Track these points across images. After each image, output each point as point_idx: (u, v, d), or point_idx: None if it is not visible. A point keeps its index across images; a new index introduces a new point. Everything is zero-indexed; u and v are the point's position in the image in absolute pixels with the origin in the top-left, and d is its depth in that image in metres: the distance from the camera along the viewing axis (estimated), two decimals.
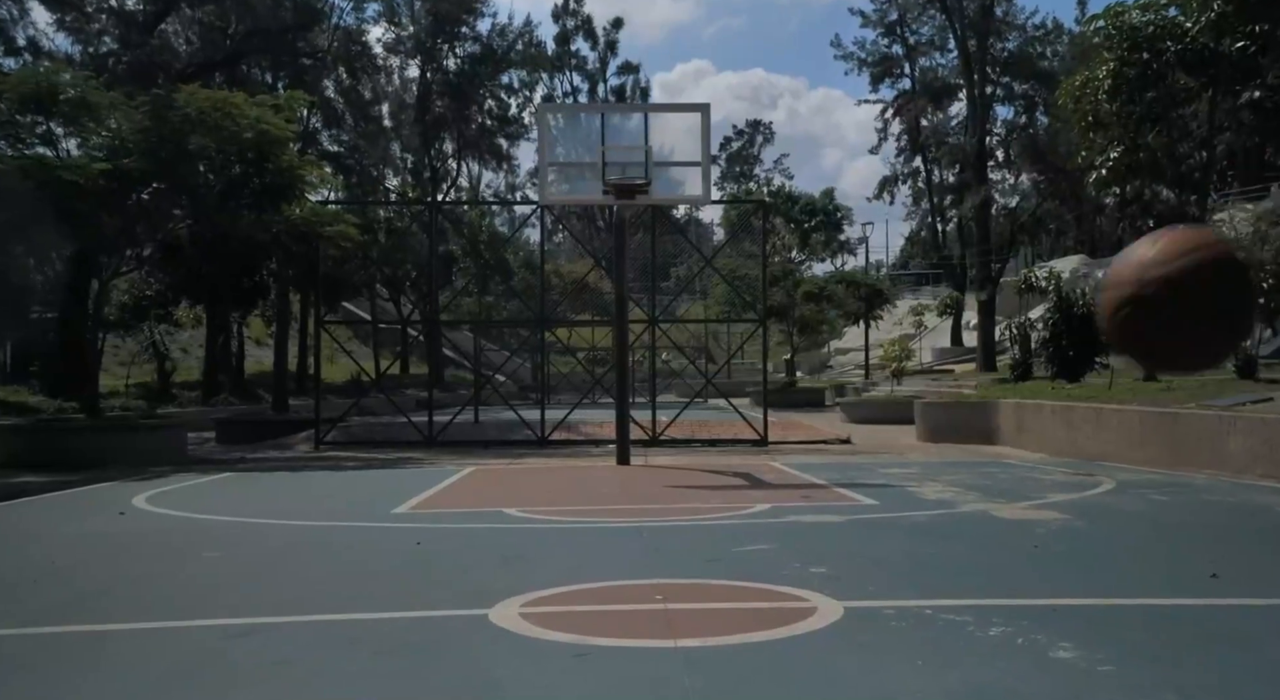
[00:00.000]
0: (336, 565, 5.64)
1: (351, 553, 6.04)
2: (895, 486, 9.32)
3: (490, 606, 4.40)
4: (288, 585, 5.02)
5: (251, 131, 14.13)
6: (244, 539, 6.62)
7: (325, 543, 6.47)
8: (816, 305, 30.42)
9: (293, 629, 4.13)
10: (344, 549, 6.19)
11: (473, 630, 4.07)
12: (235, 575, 5.32)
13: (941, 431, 17.16)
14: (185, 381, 27.07)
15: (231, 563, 5.69)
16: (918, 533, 6.49)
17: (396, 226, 30.88)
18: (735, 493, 8.98)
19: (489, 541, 6.42)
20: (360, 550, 6.11)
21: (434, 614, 4.35)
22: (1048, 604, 4.33)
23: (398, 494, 9.14)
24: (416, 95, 36.46)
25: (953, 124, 37.63)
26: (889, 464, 12.06)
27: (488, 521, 7.33)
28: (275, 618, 4.28)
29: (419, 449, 16.54)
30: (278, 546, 6.30)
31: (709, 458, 14.33)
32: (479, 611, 4.32)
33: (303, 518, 7.66)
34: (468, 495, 9.26)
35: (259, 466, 13.22)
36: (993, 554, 5.69)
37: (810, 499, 8.40)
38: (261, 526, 7.21)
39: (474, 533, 6.81)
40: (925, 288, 55.38)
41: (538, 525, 7.08)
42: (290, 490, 9.96)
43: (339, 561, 5.77)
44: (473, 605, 4.45)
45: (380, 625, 4.18)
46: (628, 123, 12.04)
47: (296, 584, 5.06)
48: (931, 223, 42.60)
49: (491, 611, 4.32)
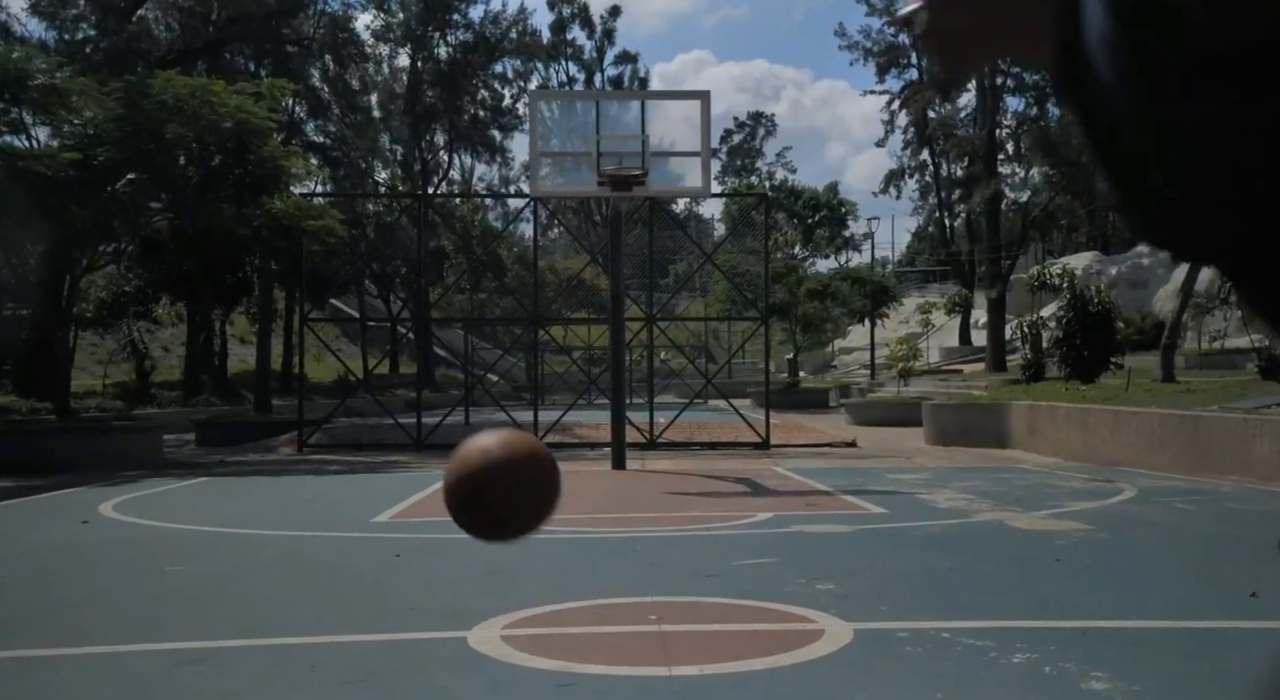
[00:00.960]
0: (306, 581, 5.39)
1: (324, 566, 5.78)
2: (904, 493, 9.07)
3: (469, 628, 4.15)
4: (250, 604, 4.76)
5: (231, 121, 13.87)
6: (210, 551, 6.37)
7: (297, 555, 6.22)
8: (820, 303, 30.17)
9: (250, 655, 3.88)
10: (316, 562, 5.94)
11: (448, 656, 3.82)
12: (195, 592, 5.07)
13: (951, 434, 16.93)
14: (165, 381, 26.80)
15: (193, 578, 5.43)
16: (931, 545, 6.24)
17: (386, 221, 30.64)
18: (736, 500, 8.74)
19: (473, 554, 6.17)
20: (334, 564, 5.86)
21: (407, 637, 4.10)
22: (1076, 627, 4.08)
23: (380, 500, 8.90)
24: (406, 85, 36.20)
25: (961, 116, 37.41)
26: (897, 469, 11.83)
27: None
28: (233, 641, 4.03)
29: (406, 452, 16.30)
30: (245, 559, 6.05)
31: (709, 461, 14.09)
32: (457, 634, 4.07)
33: (276, 527, 7.41)
34: None
35: (237, 470, 12.98)
36: (1013, 569, 5.44)
37: (815, 507, 8.16)
38: (231, 537, 6.96)
39: (458, 544, 6.56)
40: (932, 285, 55.16)
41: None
42: (266, 496, 9.70)
43: (309, 576, 5.52)
44: (451, 627, 4.21)
45: (347, 650, 3.93)
46: (624, 111, 11.79)
47: (260, 602, 4.81)
48: (939, 218, 42.31)
49: (470, 634, 4.07)
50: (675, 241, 50.27)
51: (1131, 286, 31.39)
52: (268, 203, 15.32)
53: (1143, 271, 32.46)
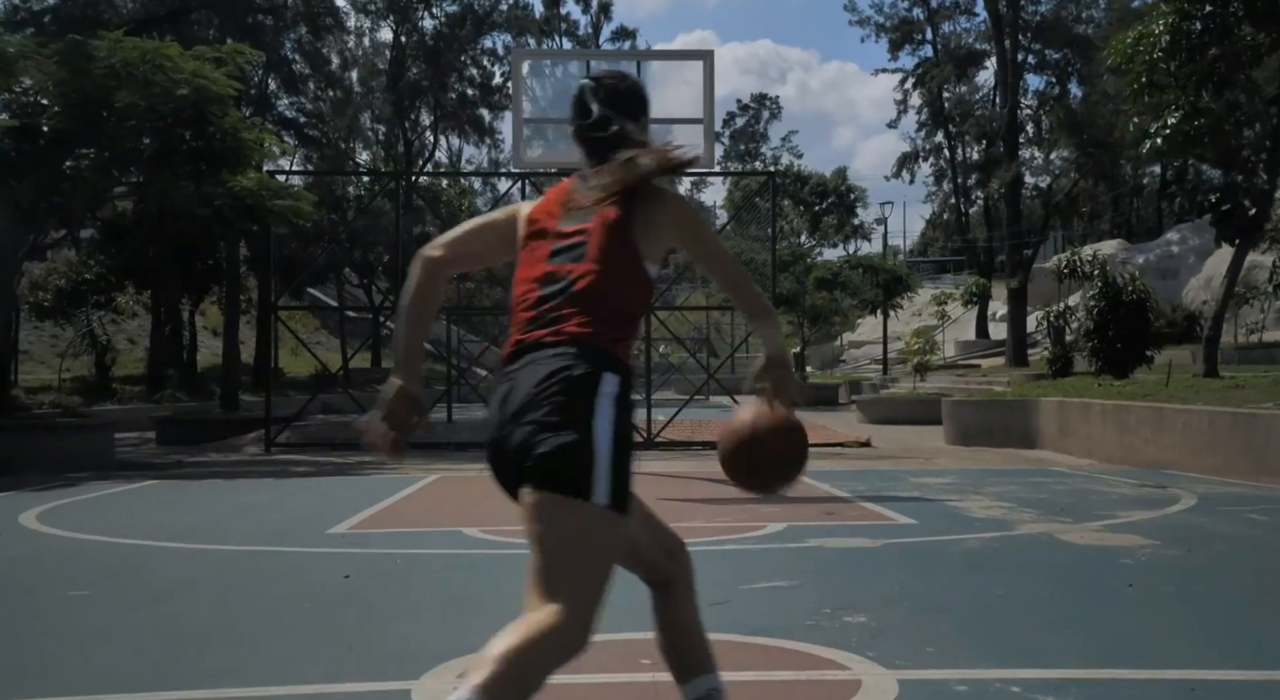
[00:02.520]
0: (230, 609, 4.69)
1: (257, 591, 5.08)
2: (932, 500, 8.38)
3: (417, 677, 3.46)
4: (153, 643, 4.06)
5: (188, 88, 13.14)
6: (130, 569, 5.67)
7: (229, 575, 5.51)
8: (829, 293, 29.46)
9: None
10: (249, 585, 5.24)
11: None
12: (93, 626, 4.37)
13: (973, 434, 16.27)
14: (128, 375, 26.10)
15: (98, 606, 4.73)
16: (974, 564, 5.55)
17: (366, 205, 29.91)
18: (744, 508, 8.04)
19: (436, 574, 5.47)
20: (269, 587, 5.16)
21: (337, 691, 3.39)
22: (1178, 678, 3.38)
23: (342, 508, 8.21)
24: (389, 60, 35.40)
25: (978, 95, 36.67)
26: (919, 472, 11.14)
27: (440, 545, 6.38)
28: (115, 695, 3.33)
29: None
30: (167, 581, 5.34)
31: (712, 463, 13.38)
32: (400, 686, 3.38)
33: (216, 539, 6.71)
34: (424, 510, 8.32)
35: (193, 473, 12.29)
36: (1078, 597, 4.74)
37: (834, 516, 7.47)
38: (160, 552, 6.26)
39: (420, 561, 5.86)
40: (946, 276, 54.47)
41: (499, 551, 6.13)
42: (215, 503, 9.01)
43: (235, 604, 4.81)
44: (393, 675, 3.51)
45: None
46: (620, 68, 11.07)
47: (164, 639, 4.10)
48: (955, 203, 41.54)
49: (417, 685, 3.38)
50: None
51: (1161, 276, 30.70)
52: (230, 180, 14.60)
53: (1172, 260, 31.79)
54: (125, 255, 25.23)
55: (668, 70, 10.89)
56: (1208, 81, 15.54)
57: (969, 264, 53.85)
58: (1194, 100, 15.54)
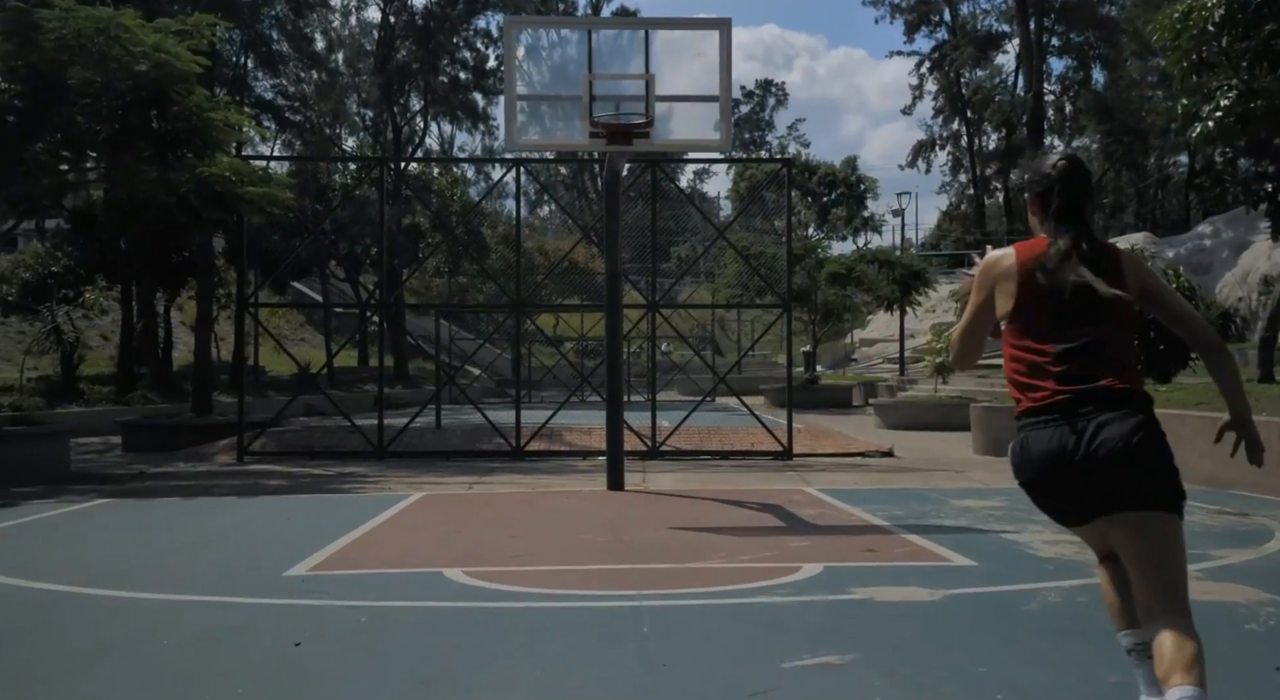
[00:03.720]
0: (138, 695, 3.82)
1: (182, 666, 4.21)
2: (984, 532, 7.51)
3: None
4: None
5: (147, 63, 12.26)
6: (29, 628, 4.80)
7: (151, 642, 4.63)
8: (843, 289, 28.59)
9: None
10: (175, 658, 4.36)
11: None
12: None
13: (1005, 443, 15.22)
14: (98, 374, 25.20)
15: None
16: (1067, 629, 4.68)
17: (354, 194, 29.00)
18: (769, 541, 7.18)
19: (406, 639, 4.60)
20: (201, 660, 4.29)
21: None
22: None
23: (309, 538, 7.34)
24: (377, 40, 34.43)
25: (997, 80, 35.72)
26: (958, 491, 10.28)
27: (416, 595, 5.51)
28: None
29: (366, 461, 14.79)
30: (68, 652, 4.47)
31: (722, 476, 12.58)
32: None
33: (153, 584, 5.84)
34: (402, 542, 7.44)
35: (153, 488, 11.44)
36: (1214, 684, 3.85)
37: (877, 554, 6.60)
38: (79, 604, 5.38)
39: (388, 618, 4.99)
40: (961, 270, 53.47)
41: (485, 604, 5.26)
42: (167, 530, 8.13)
43: (147, 685, 3.94)
44: None
45: None
46: (623, 46, 10.18)
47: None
48: (974, 194, 40.58)
49: None
50: (677, 221, 48.67)
51: (1192, 271, 29.78)
52: (198, 165, 13.71)
53: (1204, 254, 30.90)
54: (95, 246, 24.36)
55: (679, 41, 9.99)
56: (1264, 59, 14.60)
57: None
58: (1248, 80, 14.60)
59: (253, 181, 14.50)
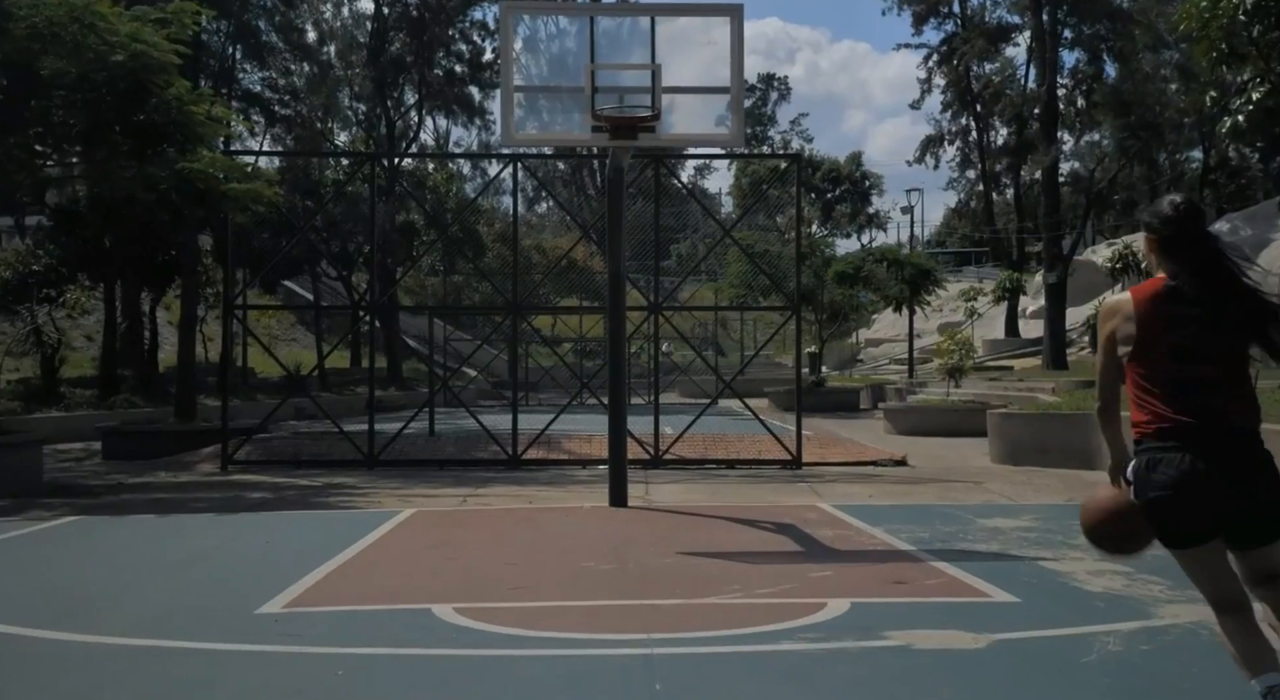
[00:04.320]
0: None
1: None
2: (1020, 559, 7.02)
3: None
4: None
5: (124, 53, 11.75)
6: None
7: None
8: (850, 289, 28.08)
9: None
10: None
11: None
12: None
13: (1023, 451, 14.97)
14: (81, 376, 24.69)
15: None
16: (1140, 689, 4.19)
17: (343, 189, 28.48)
18: (786, 570, 6.69)
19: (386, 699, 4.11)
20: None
21: None
22: None
23: (287, 564, 6.86)
24: (370, 32, 33.86)
25: (1008, 72, 35.16)
26: (982, 508, 9.80)
27: (401, 639, 5.01)
28: None
29: (356, 471, 14.34)
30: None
31: (729, 488, 12.13)
32: None
33: (106, 625, 5.35)
34: (389, 570, 6.94)
35: (129, 502, 10.99)
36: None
37: (907, 587, 6.12)
38: (20, 648, 4.89)
39: (371, 670, 4.50)
40: (968, 268, 53.01)
41: (479, 652, 4.78)
42: (135, 553, 7.65)
43: None
44: None
45: None
46: (627, 35, 9.69)
47: None
48: (984, 191, 40.05)
49: None
50: (677, 218, 48.17)
51: None
52: (178, 160, 13.21)
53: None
54: (78, 244, 23.86)
55: (687, 30, 9.51)
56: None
57: (993, 256, 52.40)
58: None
59: (237, 178, 14.02)
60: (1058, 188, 29.14)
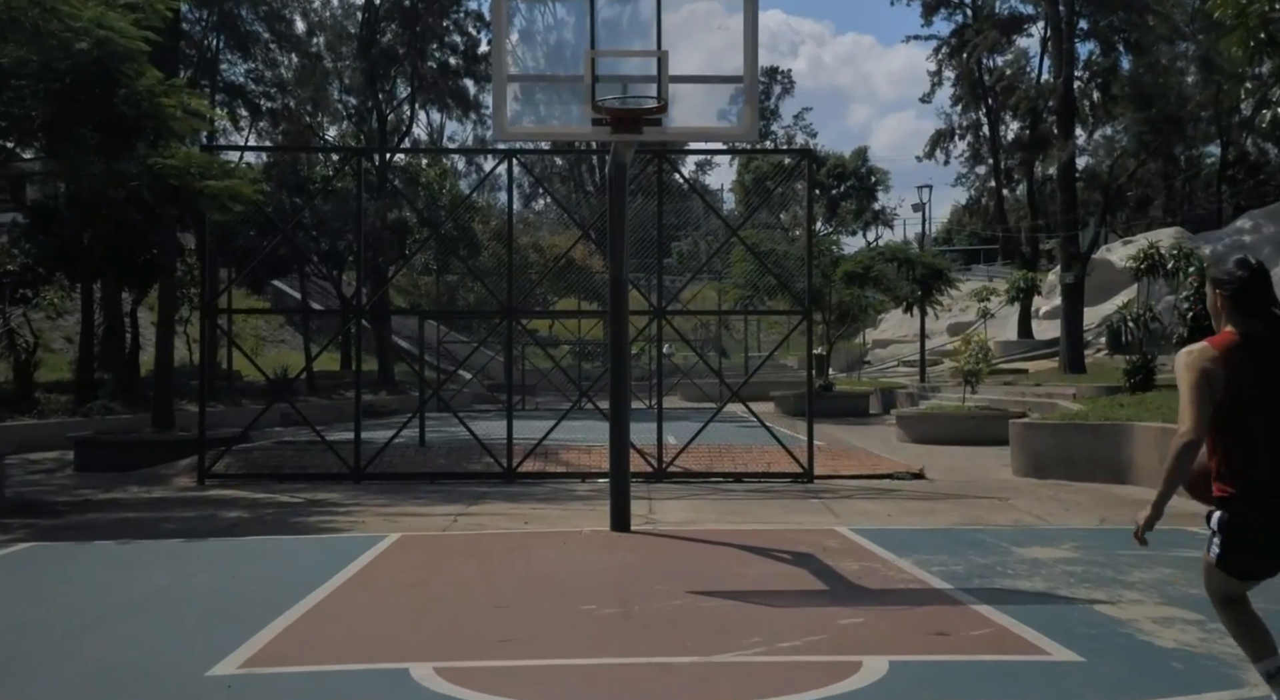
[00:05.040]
0: None
1: None
2: (1072, 601, 6.37)
3: None
4: None
5: (88, 40, 11.10)
6: None
7: None
8: (860, 289, 27.40)
9: None
10: None
11: None
12: None
13: (1049, 464, 14.36)
14: (58, 381, 24.02)
15: None
16: None
17: (330, 185, 27.82)
18: (811, 616, 6.05)
19: None
20: None
21: None
22: None
23: (251, 608, 6.22)
24: (360, 22, 33.15)
25: (1021, 64, 34.52)
26: (1016, 533, 9.16)
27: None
28: None
29: (341, 486, 13.73)
30: None
31: (738, 505, 11.54)
32: None
33: (21, 690, 4.70)
34: (364, 616, 6.28)
35: (93, 523, 10.37)
36: None
37: (949, 640, 5.46)
38: None
39: None
40: (977, 266, 52.33)
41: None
42: (87, 591, 6.99)
43: None
44: None
45: None
46: (630, 19, 9.05)
47: None
48: (996, 187, 39.37)
49: None
50: (677, 215, 47.47)
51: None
52: (150, 156, 12.57)
53: (1244, 250, 29.80)
54: (55, 243, 23.21)
55: (697, 14, 8.86)
56: None
57: (1003, 254, 51.68)
58: None
59: (214, 175, 13.35)
60: (1074, 184, 28.44)
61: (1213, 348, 3.55)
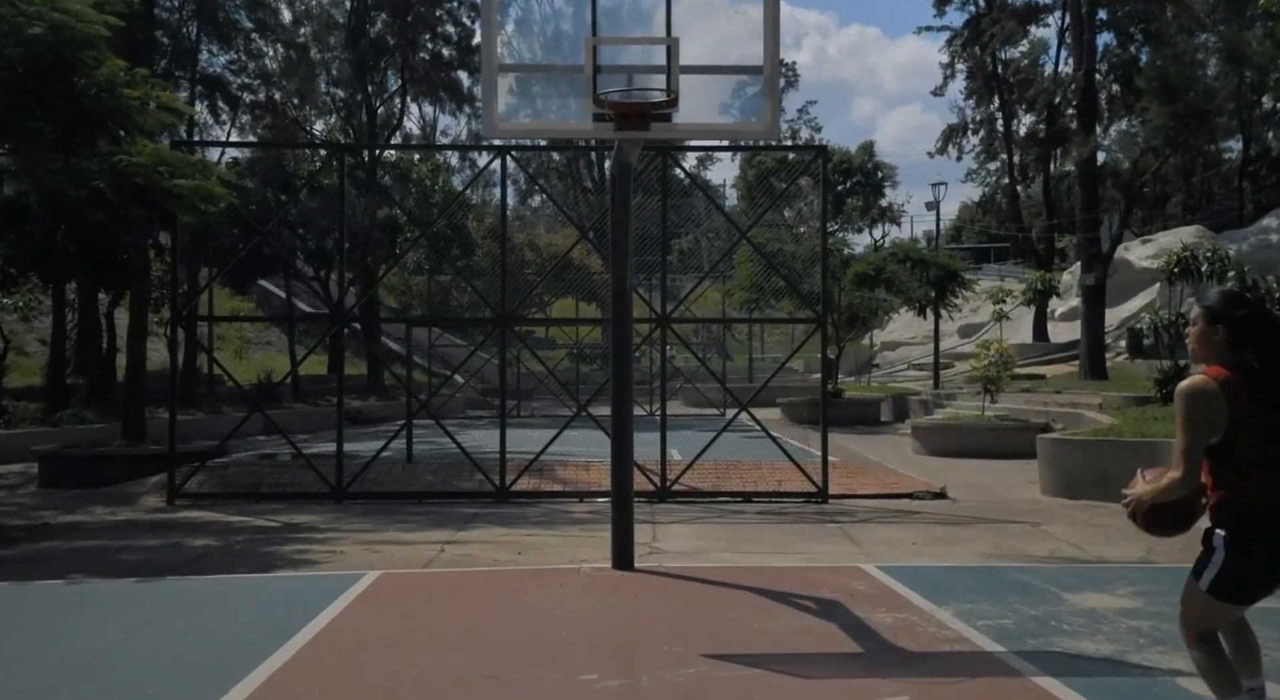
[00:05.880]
0: None
1: None
2: (1149, 671, 5.63)
3: None
4: None
5: (41, 24, 10.37)
6: None
7: None
8: (870, 291, 26.66)
9: None
10: None
11: None
12: None
13: (1080, 484, 13.65)
14: (29, 387, 23.28)
15: None
16: None
17: (324, 184, 27.07)
18: (845, 689, 5.32)
19: None
20: None
21: None
22: None
23: (200, 678, 5.48)
24: (348, 11, 32.39)
25: (1035, 57, 33.81)
26: (1064, 574, 8.43)
27: None
28: None
29: (322, 505, 13.06)
30: None
31: (750, 532, 10.90)
32: None
33: None
34: (331, 687, 5.53)
35: (45, 554, 9.69)
36: None
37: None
38: None
39: None
40: (988, 265, 51.55)
41: None
42: (12, 654, 6.24)
43: None
44: None
45: None
46: (629, 5, 8.32)
47: None
48: (1010, 184, 38.62)
49: None
50: (678, 212, 46.71)
51: (1258, 270, 28.03)
52: (115, 152, 11.85)
53: (1271, 251, 29.03)
54: (27, 243, 22.46)
55: (708, 0, 8.12)
56: None
57: (1015, 253, 50.99)
58: None
59: (184, 173, 12.61)
60: (1095, 181, 27.71)
61: (1216, 382, 3.72)
